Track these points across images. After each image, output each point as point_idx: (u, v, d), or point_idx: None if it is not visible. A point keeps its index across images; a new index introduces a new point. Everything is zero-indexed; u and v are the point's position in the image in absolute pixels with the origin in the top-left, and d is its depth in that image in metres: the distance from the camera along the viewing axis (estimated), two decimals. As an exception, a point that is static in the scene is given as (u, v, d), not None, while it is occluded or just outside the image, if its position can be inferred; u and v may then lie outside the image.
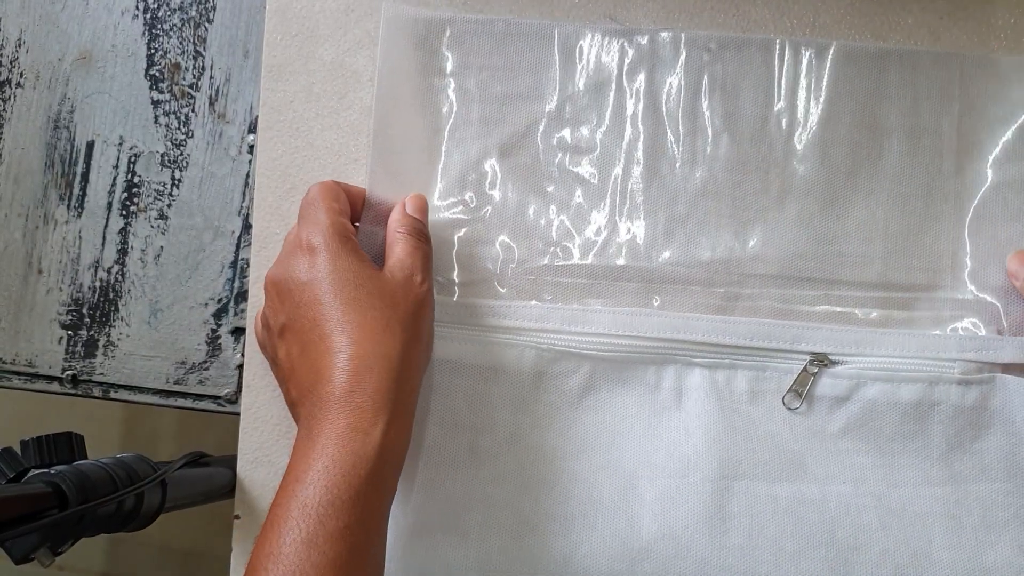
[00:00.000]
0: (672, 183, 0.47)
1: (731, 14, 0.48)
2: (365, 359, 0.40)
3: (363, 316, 0.41)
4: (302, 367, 0.41)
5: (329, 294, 0.41)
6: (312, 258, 0.42)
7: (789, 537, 0.44)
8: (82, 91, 0.54)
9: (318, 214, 0.44)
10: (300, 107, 0.50)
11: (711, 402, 0.45)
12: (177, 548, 1.25)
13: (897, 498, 0.44)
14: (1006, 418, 0.44)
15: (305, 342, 0.41)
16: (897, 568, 0.43)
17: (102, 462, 0.43)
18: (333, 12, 0.50)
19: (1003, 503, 0.44)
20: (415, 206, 0.46)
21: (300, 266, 0.42)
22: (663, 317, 0.46)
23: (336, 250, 0.42)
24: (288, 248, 0.44)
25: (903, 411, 0.45)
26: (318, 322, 0.41)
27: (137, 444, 1.23)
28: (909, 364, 0.45)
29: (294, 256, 0.43)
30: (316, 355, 0.40)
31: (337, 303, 0.41)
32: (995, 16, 0.47)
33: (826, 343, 0.45)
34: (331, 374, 0.39)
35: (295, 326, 0.42)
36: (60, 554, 0.40)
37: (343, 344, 0.40)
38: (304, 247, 0.43)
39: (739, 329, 0.46)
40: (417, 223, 0.46)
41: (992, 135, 0.46)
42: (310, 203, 0.44)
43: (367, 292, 0.41)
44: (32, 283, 0.54)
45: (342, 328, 0.40)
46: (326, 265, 0.42)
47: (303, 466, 0.38)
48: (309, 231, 0.43)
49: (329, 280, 0.41)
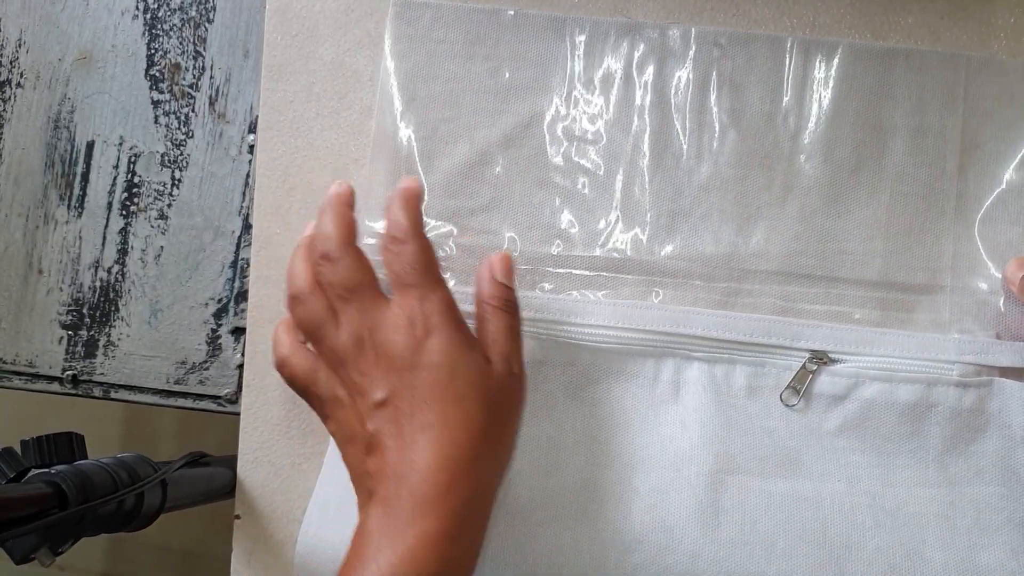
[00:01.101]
0: (677, 177, 0.47)
1: (731, 13, 0.48)
2: (463, 462, 0.39)
3: (470, 417, 0.40)
4: (394, 450, 0.39)
5: (440, 385, 0.40)
6: (427, 339, 0.40)
7: (782, 533, 0.44)
8: (82, 91, 0.54)
9: (435, 286, 0.41)
10: (300, 107, 0.50)
11: (708, 396, 0.45)
12: (177, 548, 1.25)
13: (892, 497, 0.44)
14: (1002, 422, 0.44)
15: (404, 425, 0.40)
16: (890, 566, 0.43)
17: (102, 462, 0.43)
18: (333, 12, 0.50)
19: (997, 506, 0.44)
20: (504, 271, 0.43)
21: (409, 342, 0.40)
22: (663, 310, 0.46)
23: (455, 340, 0.40)
24: (394, 312, 0.41)
25: (900, 411, 0.45)
26: (423, 413, 0.39)
27: (137, 444, 1.23)
28: (908, 365, 0.45)
29: (402, 326, 0.40)
30: (414, 445, 0.39)
31: (447, 397, 0.40)
32: (995, 16, 0.47)
33: (826, 341, 0.45)
34: (427, 472, 0.38)
35: (398, 404, 0.40)
36: (60, 554, 0.40)
37: (446, 443, 0.39)
38: (419, 323, 0.40)
39: (739, 324, 0.46)
40: (509, 293, 0.43)
41: (996, 137, 0.46)
42: (426, 268, 0.41)
43: (476, 390, 0.40)
44: (32, 283, 0.54)
45: (446, 425, 0.39)
46: (442, 354, 0.40)
47: (383, 556, 0.37)
48: (426, 307, 0.40)
49: (444, 370, 0.40)
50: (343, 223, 0.42)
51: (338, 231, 0.42)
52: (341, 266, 0.41)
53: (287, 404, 0.49)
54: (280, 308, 0.49)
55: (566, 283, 0.47)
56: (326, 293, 0.42)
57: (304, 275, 0.42)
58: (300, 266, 0.43)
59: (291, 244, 0.49)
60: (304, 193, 0.50)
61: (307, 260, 0.43)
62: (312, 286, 0.42)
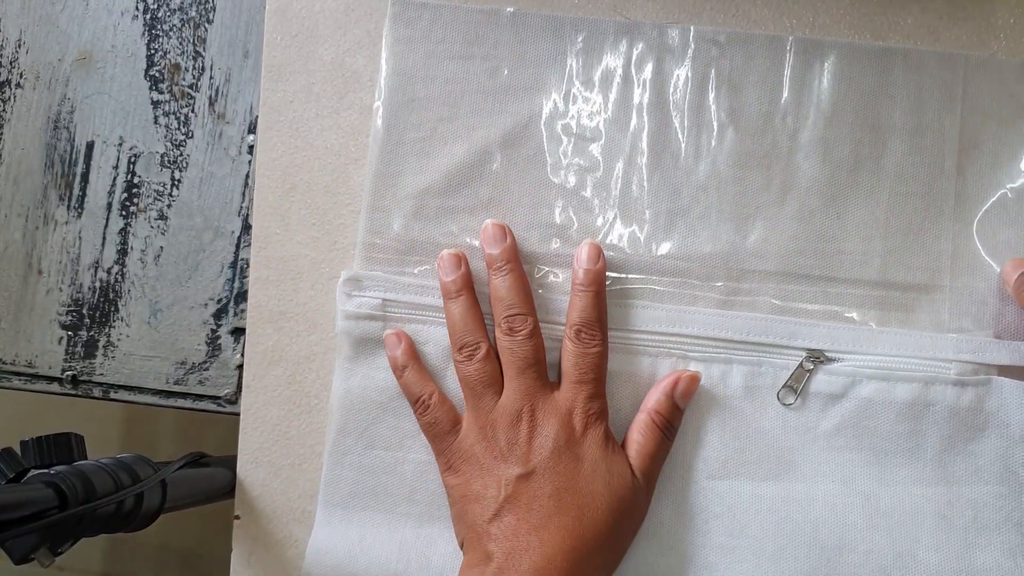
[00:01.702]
0: (675, 176, 0.47)
1: (731, 14, 0.48)
2: (584, 556, 0.41)
3: (599, 518, 0.42)
4: (524, 523, 0.42)
5: (584, 479, 0.42)
6: (586, 433, 0.43)
7: (771, 536, 0.44)
8: (82, 92, 0.54)
9: (603, 390, 0.44)
10: (300, 107, 0.50)
11: (704, 399, 0.45)
12: (177, 548, 1.25)
13: (887, 497, 0.44)
14: (1001, 420, 0.44)
15: (539, 505, 0.42)
16: (881, 568, 0.44)
17: (102, 462, 0.43)
18: (333, 12, 0.50)
19: (995, 505, 0.44)
20: (685, 391, 0.45)
21: (567, 431, 0.43)
22: (660, 310, 0.46)
23: (608, 443, 0.44)
24: (561, 399, 0.44)
25: (898, 410, 0.45)
26: (562, 498, 0.42)
27: (137, 444, 1.23)
28: (905, 363, 0.45)
29: (564, 414, 0.43)
30: (546, 526, 0.41)
31: (586, 492, 0.42)
32: (995, 16, 0.47)
33: (823, 340, 0.45)
34: (553, 555, 0.41)
35: (539, 484, 0.42)
36: (60, 554, 0.40)
37: (574, 534, 0.41)
38: (580, 416, 0.43)
39: (736, 324, 0.46)
40: (676, 418, 0.45)
41: (995, 137, 0.46)
42: (602, 372, 0.44)
43: (612, 494, 0.42)
44: (32, 283, 0.54)
45: (579, 518, 0.42)
46: (595, 450, 0.43)
47: None
48: (591, 405, 0.44)
49: (591, 466, 0.43)
50: (527, 292, 0.45)
51: (527, 305, 0.45)
52: (526, 341, 0.44)
53: (287, 404, 0.49)
54: (280, 307, 0.49)
55: (564, 282, 0.47)
56: (500, 359, 0.45)
57: (479, 330, 0.45)
58: (474, 320, 0.45)
59: (291, 244, 0.50)
60: (304, 193, 0.50)
61: (475, 319, 0.45)
62: (488, 348, 0.45)
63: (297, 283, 0.50)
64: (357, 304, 0.47)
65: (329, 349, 0.49)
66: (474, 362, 0.44)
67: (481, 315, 0.46)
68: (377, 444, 0.47)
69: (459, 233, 0.48)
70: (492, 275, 0.46)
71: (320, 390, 0.49)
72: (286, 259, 0.50)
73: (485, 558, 0.42)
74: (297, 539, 0.49)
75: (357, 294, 0.47)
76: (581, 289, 0.45)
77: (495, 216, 0.47)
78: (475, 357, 0.45)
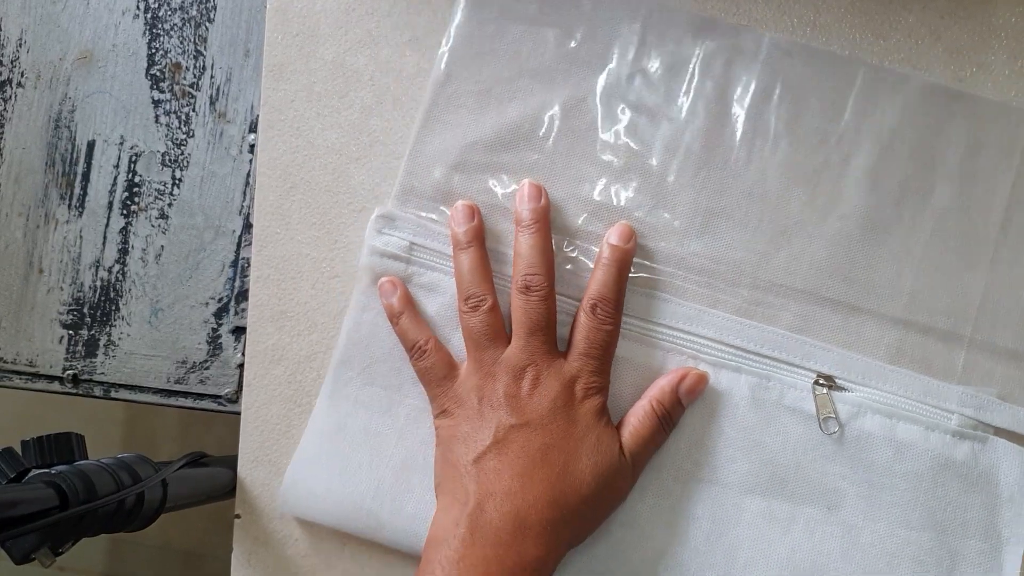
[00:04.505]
0: (722, 176, 0.47)
1: (732, 12, 0.48)
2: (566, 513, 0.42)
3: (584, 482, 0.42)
4: (509, 470, 0.42)
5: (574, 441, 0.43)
6: (584, 401, 0.44)
7: (745, 548, 0.45)
8: (83, 91, 0.54)
9: (608, 372, 0.45)
10: (301, 106, 0.50)
11: (707, 402, 0.45)
12: (177, 548, 1.25)
13: (869, 533, 0.44)
14: (992, 479, 0.45)
15: (527, 455, 0.42)
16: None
17: (103, 462, 0.43)
18: (334, 11, 0.50)
19: (975, 561, 0.44)
20: (691, 390, 0.45)
21: (567, 394, 0.43)
22: (681, 306, 0.46)
23: (603, 417, 0.44)
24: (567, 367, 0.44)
25: (897, 448, 0.45)
26: (551, 454, 0.42)
27: (138, 444, 1.23)
28: (910, 405, 0.45)
29: (568, 380, 0.44)
30: (531, 474, 0.42)
31: (574, 453, 0.43)
32: (996, 15, 0.47)
33: (835, 366, 0.45)
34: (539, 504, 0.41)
35: (530, 436, 0.43)
36: (61, 554, 0.40)
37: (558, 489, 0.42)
38: (582, 386, 0.44)
39: (753, 334, 0.46)
40: (678, 413, 0.45)
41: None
42: (610, 355, 0.45)
43: (599, 462, 0.43)
44: (33, 282, 0.54)
45: (563, 475, 0.42)
46: (588, 418, 0.43)
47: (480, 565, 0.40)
48: (593, 380, 0.44)
49: (583, 430, 0.43)
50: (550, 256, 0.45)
51: (546, 267, 0.44)
52: (540, 303, 0.44)
53: (288, 403, 0.49)
54: (281, 306, 0.49)
55: (590, 261, 0.47)
56: (511, 317, 0.45)
57: (485, 283, 0.45)
58: (482, 272, 0.45)
59: (291, 243, 0.50)
60: (305, 192, 0.50)
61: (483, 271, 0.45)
62: (495, 303, 0.45)
63: (298, 282, 0.50)
64: (385, 242, 0.47)
65: (329, 348, 0.49)
66: (479, 313, 0.44)
67: (490, 270, 0.46)
68: (377, 382, 0.47)
69: (496, 190, 0.47)
70: (519, 233, 0.46)
71: (320, 389, 0.49)
72: (287, 258, 0.50)
73: (462, 498, 0.42)
74: (298, 538, 0.49)
75: (387, 232, 0.47)
76: (605, 264, 0.45)
77: (533, 177, 0.47)
78: (480, 309, 0.44)
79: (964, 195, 0.46)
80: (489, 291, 0.45)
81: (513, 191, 0.47)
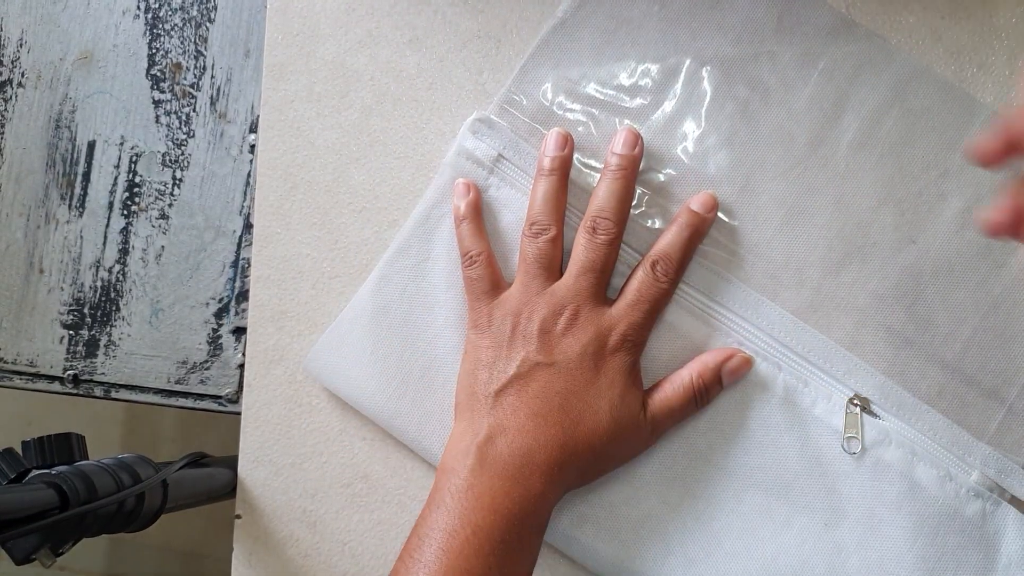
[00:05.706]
0: (818, 177, 0.46)
1: (733, 13, 0.48)
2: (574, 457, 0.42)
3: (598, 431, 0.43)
4: (526, 406, 0.43)
5: (597, 389, 0.43)
6: (616, 353, 0.43)
7: (733, 539, 0.45)
8: (83, 91, 0.54)
9: (648, 330, 0.45)
10: (301, 106, 0.50)
11: (738, 389, 0.45)
12: (177, 548, 1.25)
13: (858, 560, 0.44)
14: (993, 544, 0.44)
15: (548, 395, 0.43)
16: None
17: (103, 462, 0.43)
18: (334, 11, 0.50)
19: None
20: (734, 368, 0.45)
21: (601, 342, 0.43)
22: (742, 290, 0.46)
23: (633, 372, 0.44)
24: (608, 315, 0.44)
25: (910, 486, 0.44)
26: (570, 399, 0.43)
27: (138, 444, 1.23)
28: (936, 449, 0.45)
29: (604, 330, 0.43)
30: (547, 415, 0.42)
31: (594, 402, 0.43)
32: (996, 16, 0.47)
33: (874, 390, 0.45)
34: (549, 445, 0.42)
35: (555, 375, 0.43)
36: (61, 555, 0.40)
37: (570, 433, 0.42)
38: (617, 338, 0.43)
39: (803, 337, 0.45)
40: (716, 391, 0.45)
41: None
42: (655, 315, 0.45)
43: (616, 415, 0.43)
44: (33, 283, 0.54)
45: (579, 422, 0.42)
46: (617, 371, 0.43)
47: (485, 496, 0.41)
48: (631, 333, 0.44)
49: (609, 381, 0.43)
50: (627, 205, 0.45)
51: (619, 215, 0.44)
52: (603, 247, 0.44)
53: (288, 404, 0.49)
54: (281, 306, 0.49)
55: (664, 218, 0.46)
56: (574, 254, 0.45)
57: (555, 214, 0.45)
58: (556, 203, 0.45)
59: (292, 243, 0.50)
60: (305, 192, 0.50)
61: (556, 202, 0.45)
62: (558, 235, 0.45)
63: (298, 282, 0.50)
64: (475, 146, 0.47)
65: (330, 349, 0.49)
66: (539, 241, 0.44)
67: (564, 202, 0.46)
68: (429, 277, 0.47)
69: (595, 126, 0.47)
70: (603, 175, 0.45)
71: (321, 390, 0.49)
72: (287, 258, 0.50)
73: (476, 428, 0.43)
74: (298, 538, 0.49)
75: (481, 137, 0.47)
76: (680, 226, 0.45)
77: (634, 124, 0.47)
78: (541, 236, 0.44)
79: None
80: (556, 222, 0.45)
81: (611, 132, 0.47)
